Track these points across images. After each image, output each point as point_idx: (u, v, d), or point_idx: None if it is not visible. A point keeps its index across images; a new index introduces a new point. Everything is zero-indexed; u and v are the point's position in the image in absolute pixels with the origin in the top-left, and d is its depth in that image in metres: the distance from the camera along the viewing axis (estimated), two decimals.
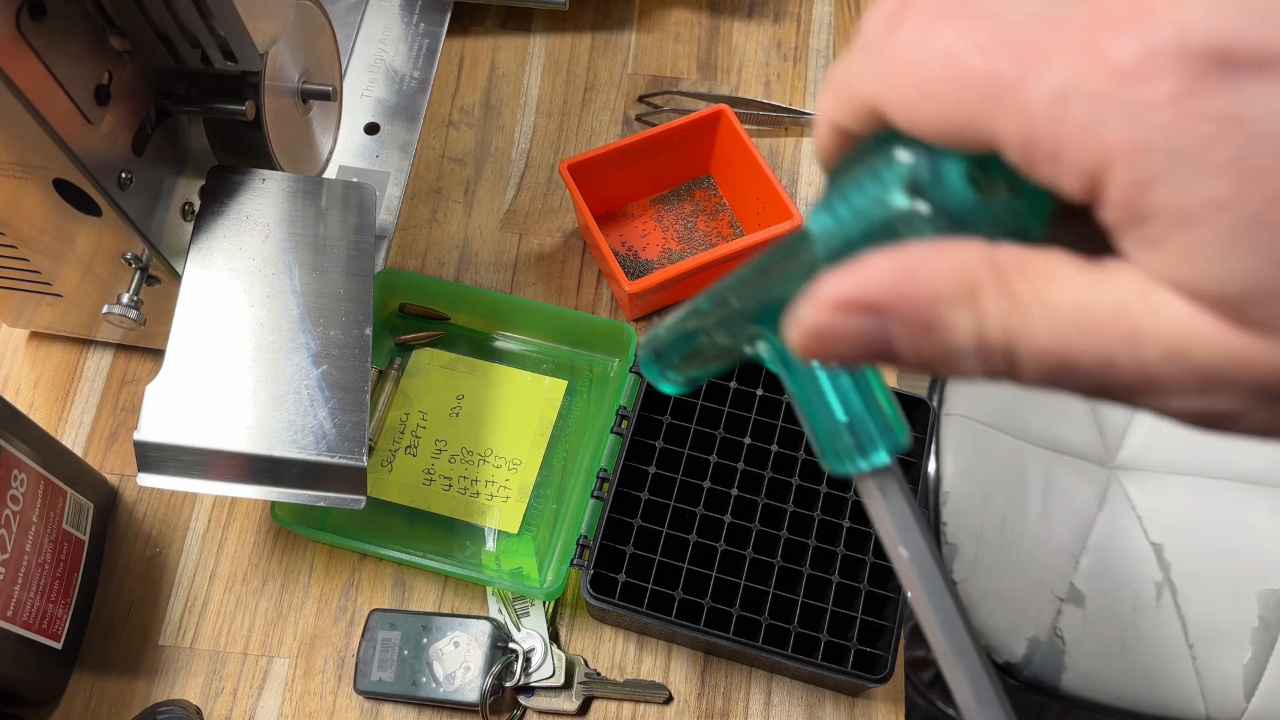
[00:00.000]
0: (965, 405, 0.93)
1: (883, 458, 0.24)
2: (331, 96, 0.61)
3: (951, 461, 0.90)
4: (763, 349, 0.26)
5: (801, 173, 0.75)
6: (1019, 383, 0.18)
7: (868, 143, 0.21)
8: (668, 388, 0.31)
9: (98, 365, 0.67)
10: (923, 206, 0.19)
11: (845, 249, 0.21)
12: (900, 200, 0.19)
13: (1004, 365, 0.17)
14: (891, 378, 0.67)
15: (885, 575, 0.57)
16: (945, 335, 0.17)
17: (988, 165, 0.19)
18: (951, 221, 0.19)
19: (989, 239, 0.18)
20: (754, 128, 0.76)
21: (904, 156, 0.19)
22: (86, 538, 0.59)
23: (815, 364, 0.24)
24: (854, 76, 0.19)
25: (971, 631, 0.23)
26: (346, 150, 0.72)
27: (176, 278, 0.54)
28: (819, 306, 0.19)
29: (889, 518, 0.24)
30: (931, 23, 0.18)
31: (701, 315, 0.28)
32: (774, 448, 0.59)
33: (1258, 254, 0.15)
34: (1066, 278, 0.17)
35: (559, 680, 0.57)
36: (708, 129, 0.70)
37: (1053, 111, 0.16)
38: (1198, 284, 0.16)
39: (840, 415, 0.24)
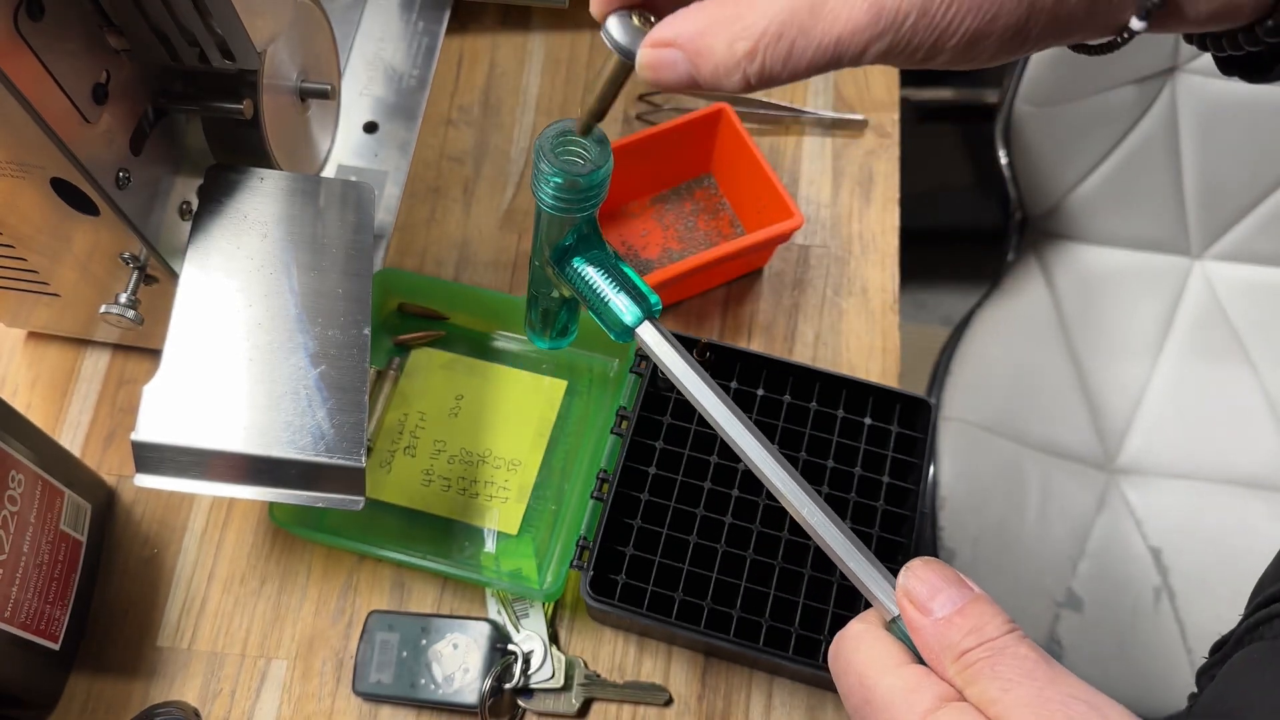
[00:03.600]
0: (963, 409, 0.92)
1: (640, 316, 0.37)
2: (330, 95, 0.61)
3: (949, 466, 0.90)
4: (561, 283, 0.40)
5: (803, 171, 0.74)
6: (784, 75, 0.29)
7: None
8: (543, 344, 0.47)
9: (95, 365, 0.67)
10: None
11: (557, 204, 0.36)
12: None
13: (755, 65, 0.28)
14: (894, 378, 0.67)
15: None
16: (717, 48, 0.29)
17: None
18: None
19: None
20: (755, 126, 0.76)
21: None
22: (84, 538, 0.59)
23: (586, 272, 0.38)
24: None
25: (733, 408, 0.35)
26: (345, 149, 0.72)
27: (174, 277, 0.54)
28: (647, 44, 0.30)
29: (659, 354, 0.36)
30: None
31: (530, 283, 0.43)
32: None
33: None
34: None
35: (558, 682, 0.57)
36: (708, 127, 0.70)
37: None
38: None
39: (609, 297, 0.38)
